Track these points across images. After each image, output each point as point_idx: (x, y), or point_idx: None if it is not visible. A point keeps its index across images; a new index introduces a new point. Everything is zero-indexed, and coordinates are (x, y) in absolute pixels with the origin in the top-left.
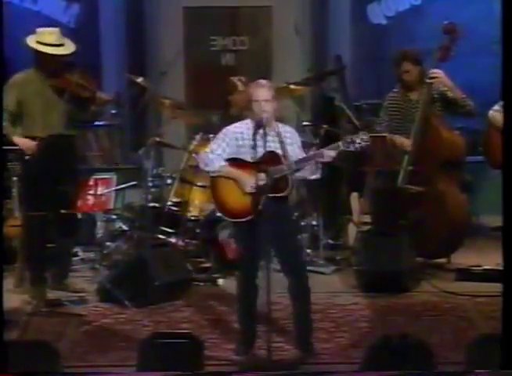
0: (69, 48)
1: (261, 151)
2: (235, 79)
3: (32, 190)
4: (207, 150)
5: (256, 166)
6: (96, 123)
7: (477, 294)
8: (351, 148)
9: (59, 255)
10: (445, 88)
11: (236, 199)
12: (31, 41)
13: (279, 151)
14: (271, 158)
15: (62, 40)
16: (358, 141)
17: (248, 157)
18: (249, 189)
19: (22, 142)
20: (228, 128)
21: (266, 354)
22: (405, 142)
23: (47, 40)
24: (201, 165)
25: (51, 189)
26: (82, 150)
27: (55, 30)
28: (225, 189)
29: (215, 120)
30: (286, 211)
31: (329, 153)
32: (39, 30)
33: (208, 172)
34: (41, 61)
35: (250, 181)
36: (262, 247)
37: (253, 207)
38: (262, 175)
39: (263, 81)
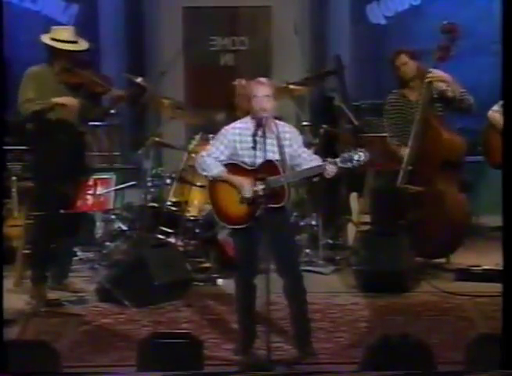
0: (83, 45)
1: (259, 155)
2: (242, 82)
3: (44, 189)
4: (204, 153)
5: (254, 174)
6: (96, 123)
7: (476, 294)
8: (349, 165)
9: (61, 255)
10: (445, 87)
11: (233, 206)
12: (46, 38)
13: (277, 157)
14: (269, 167)
15: (76, 37)
16: (355, 158)
17: (246, 162)
18: (248, 194)
19: (64, 99)
20: (226, 128)
21: (265, 354)
22: (403, 150)
23: (62, 37)
24: (199, 170)
25: (61, 187)
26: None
27: (70, 27)
28: (223, 195)
29: (219, 119)
30: (282, 218)
31: (330, 170)
32: (54, 27)
33: (206, 176)
34: (56, 57)
35: (249, 186)
36: (260, 250)
37: (249, 215)
38: (259, 184)
39: (263, 79)
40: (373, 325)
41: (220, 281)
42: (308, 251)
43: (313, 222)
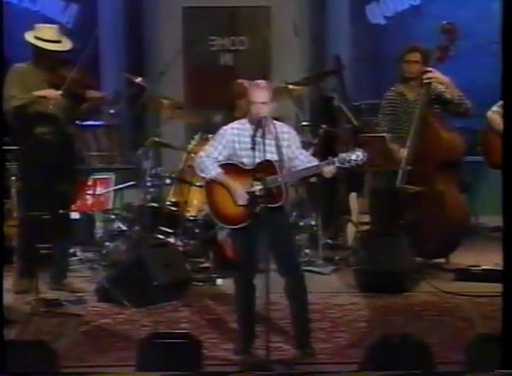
0: (66, 45)
1: (258, 155)
2: (245, 83)
3: (30, 189)
4: (203, 153)
5: (251, 173)
6: (95, 123)
7: (476, 294)
8: (346, 165)
9: (58, 255)
10: (443, 89)
11: (230, 206)
12: (30, 36)
13: (275, 157)
14: (267, 167)
15: (59, 37)
16: (353, 158)
17: (245, 162)
18: (241, 202)
19: (45, 92)
20: (225, 128)
21: (265, 354)
22: (401, 150)
23: (45, 36)
24: (197, 170)
25: (49, 188)
26: (81, 149)
27: (54, 26)
28: (220, 195)
29: (218, 119)
30: (281, 218)
31: (328, 170)
32: (38, 25)
33: (204, 177)
34: (39, 56)
35: (243, 194)
36: (259, 250)
37: (247, 215)
38: (256, 184)
39: (261, 83)
40: (373, 325)
41: (219, 281)
42: (307, 251)
43: (313, 222)
